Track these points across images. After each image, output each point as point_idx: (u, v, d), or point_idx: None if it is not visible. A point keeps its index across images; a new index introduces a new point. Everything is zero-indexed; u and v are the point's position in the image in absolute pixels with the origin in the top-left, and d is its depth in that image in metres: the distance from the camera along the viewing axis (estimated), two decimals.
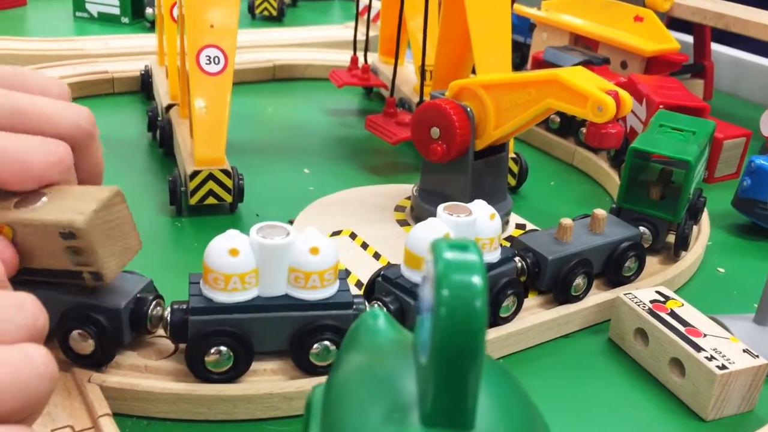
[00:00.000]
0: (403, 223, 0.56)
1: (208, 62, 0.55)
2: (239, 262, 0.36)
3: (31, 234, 0.35)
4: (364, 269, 0.49)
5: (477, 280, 0.21)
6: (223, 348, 0.37)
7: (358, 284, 0.47)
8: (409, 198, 0.59)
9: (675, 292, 0.53)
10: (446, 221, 0.41)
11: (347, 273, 0.49)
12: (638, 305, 0.46)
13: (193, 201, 0.56)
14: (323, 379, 0.38)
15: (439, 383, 0.20)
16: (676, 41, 0.78)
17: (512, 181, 0.65)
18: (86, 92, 0.79)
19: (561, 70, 0.48)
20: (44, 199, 0.35)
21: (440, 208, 0.42)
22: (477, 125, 0.51)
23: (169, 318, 0.37)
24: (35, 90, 0.36)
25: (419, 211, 0.55)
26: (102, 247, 0.35)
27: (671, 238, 0.54)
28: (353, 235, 0.53)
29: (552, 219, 0.61)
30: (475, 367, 0.20)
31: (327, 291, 0.38)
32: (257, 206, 0.60)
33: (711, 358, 0.41)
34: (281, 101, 0.85)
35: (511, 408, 0.22)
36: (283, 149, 0.72)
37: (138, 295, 0.38)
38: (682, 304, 0.46)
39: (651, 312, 0.45)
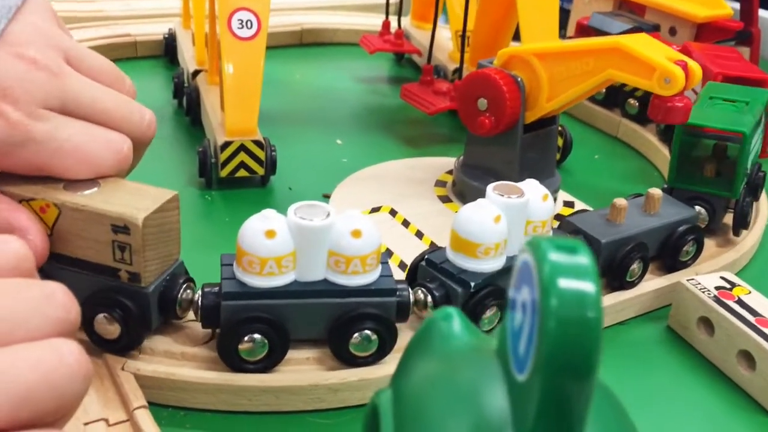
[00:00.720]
0: (444, 199, 0.53)
1: (240, 26, 0.51)
2: (276, 245, 0.34)
3: (78, 220, 0.33)
4: (407, 249, 0.46)
5: (590, 287, 0.18)
6: (257, 336, 0.34)
7: (401, 265, 0.45)
8: (450, 172, 0.56)
9: (737, 275, 0.50)
10: (497, 202, 0.38)
11: (390, 254, 0.46)
12: (703, 292, 0.43)
13: (224, 173, 0.53)
14: (372, 374, 0.36)
15: (543, 405, 0.18)
16: (728, 6, 0.73)
17: (556, 155, 0.61)
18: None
19: (623, 37, 0.44)
20: (96, 188, 0.34)
21: (490, 188, 0.39)
22: (528, 97, 0.48)
23: (200, 302, 0.35)
24: (110, 81, 0.37)
25: (462, 186, 0.52)
26: (150, 248, 0.33)
27: (728, 219, 0.50)
28: (393, 212, 0.50)
29: (598, 196, 0.58)
30: (585, 389, 0.18)
31: (369, 277, 0.36)
32: (289, 179, 0.57)
33: None
34: (309, 67, 0.81)
35: None
36: (313, 119, 0.69)
37: (167, 277, 0.35)
38: (750, 292, 0.43)
39: (717, 300, 0.42)
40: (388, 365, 0.37)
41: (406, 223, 0.49)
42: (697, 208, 0.49)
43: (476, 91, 0.49)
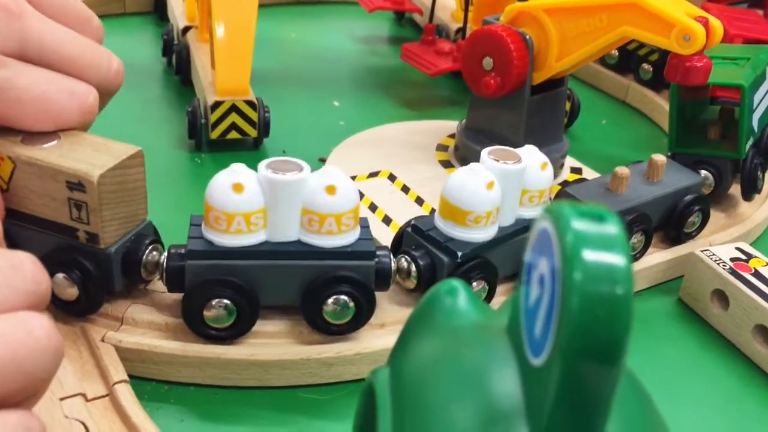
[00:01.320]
0: (446, 164, 0.50)
1: None
2: (244, 200, 0.31)
3: (33, 175, 0.31)
4: (406, 216, 0.43)
5: (620, 260, 0.15)
6: (224, 300, 0.32)
7: (407, 222, 0.42)
8: (452, 136, 0.53)
9: (751, 244, 0.47)
10: (491, 168, 0.36)
11: (389, 221, 0.43)
12: (717, 264, 0.40)
13: (214, 135, 0.50)
14: (369, 346, 0.34)
15: (562, 394, 0.15)
16: None
17: (564, 119, 0.59)
18: (96, 12, 0.71)
19: None
20: (55, 141, 0.31)
21: (485, 152, 0.36)
22: (536, 56, 0.45)
23: (165, 263, 0.33)
24: (76, 22, 0.34)
25: (465, 151, 0.50)
26: (108, 208, 0.31)
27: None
28: (392, 177, 0.48)
29: (605, 162, 0.55)
30: (611, 377, 0.15)
31: (345, 238, 0.33)
32: (284, 142, 0.54)
33: None
34: (306, 26, 0.78)
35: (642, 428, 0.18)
36: (309, 79, 0.66)
37: (132, 238, 0.33)
38: (767, 263, 0.41)
39: (732, 272, 0.40)
40: (388, 337, 0.35)
41: (405, 189, 0.47)
42: (703, 172, 0.46)
43: (481, 50, 0.46)
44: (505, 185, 0.36)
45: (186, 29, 0.60)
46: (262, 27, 0.75)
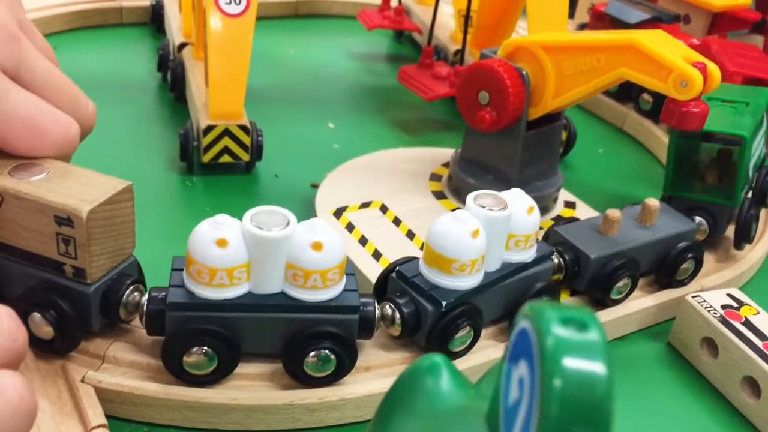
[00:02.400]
0: (439, 195, 0.50)
1: (228, 2, 0.48)
2: (227, 255, 0.31)
3: (21, 209, 0.30)
4: (396, 250, 0.43)
5: (602, 369, 0.15)
6: (205, 348, 0.32)
7: (391, 266, 0.42)
8: (446, 165, 0.53)
9: (740, 289, 0.47)
10: (477, 214, 0.35)
11: (379, 256, 0.43)
12: (708, 311, 0.40)
13: (206, 158, 0.50)
14: (352, 393, 0.33)
15: None
16: None
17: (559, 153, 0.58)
18: (92, 22, 0.72)
19: (639, 34, 0.41)
20: (44, 174, 0.31)
21: (470, 198, 0.36)
22: (533, 92, 0.45)
23: (145, 307, 0.32)
24: (53, 62, 0.35)
25: (459, 182, 0.49)
26: (96, 243, 0.30)
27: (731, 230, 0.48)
28: (384, 208, 0.47)
29: (600, 195, 0.55)
30: None
31: (330, 292, 0.33)
32: (276, 165, 0.54)
33: None
34: (304, 41, 0.78)
35: None
36: (305, 99, 0.65)
37: (114, 276, 0.32)
38: (758, 312, 0.40)
39: (723, 320, 0.39)
40: (372, 382, 0.34)
41: (397, 221, 0.46)
42: (697, 219, 0.46)
43: (478, 84, 0.45)
44: (491, 231, 0.35)
45: (182, 46, 0.60)
46: (261, 41, 0.74)
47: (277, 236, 0.31)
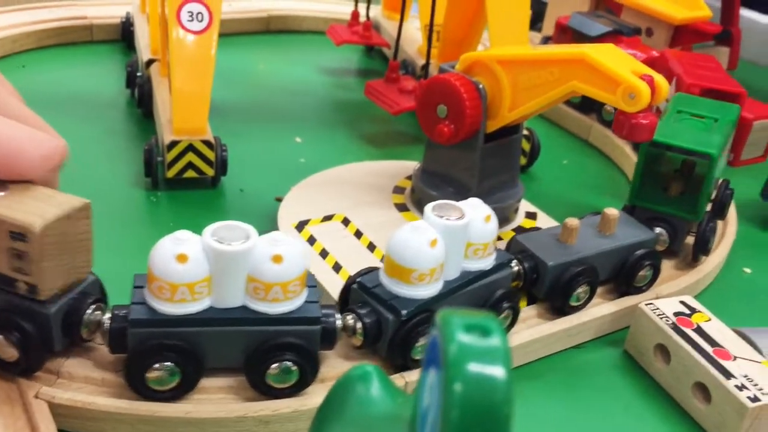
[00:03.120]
0: (401, 207, 0.51)
1: (190, 18, 0.49)
2: (188, 270, 0.31)
3: None
4: (356, 263, 0.44)
5: (502, 374, 0.16)
6: (167, 364, 0.32)
7: (352, 277, 0.42)
8: (409, 178, 0.54)
9: (697, 296, 0.48)
10: (435, 224, 0.36)
11: (338, 268, 0.44)
12: (661, 318, 0.41)
13: (170, 174, 0.50)
14: (305, 404, 0.33)
15: None
16: (707, 8, 0.71)
17: (522, 160, 0.59)
18: (62, 39, 0.72)
19: (589, 48, 0.42)
20: (3, 193, 0.31)
21: (428, 208, 0.37)
22: (490, 105, 0.46)
23: (107, 325, 0.32)
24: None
25: (421, 194, 0.50)
26: (49, 260, 0.30)
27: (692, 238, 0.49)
28: (346, 221, 0.48)
29: (563, 206, 0.56)
30: None
31: (291, 304, 0.33)
32: (242, 179, 0.54)
33: (742, 387, 0.36)
34: (275, 57, 0.78)
35: None
36: (273, 113, 0.66)
37: (75, 296, 0.33)
38: (710, 319, 0.41)
39: (675, 327, 0.40)
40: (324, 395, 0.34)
41: (358, 234, 0.47)
42: (658, 230, 0.47)
43: (436, 98, 0.46)
44: (449, 241, 0.36)
45: (149, 62, 0.60)
46: (231, 56, 0.75)
47: (238, 250, 0.31)
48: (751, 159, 0.68)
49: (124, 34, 0.73)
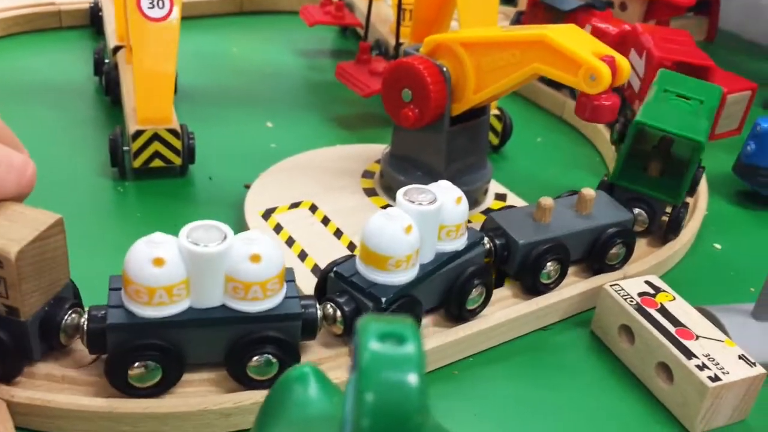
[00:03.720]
0: (370, 192, 0.50)
1: (150, 6, 0.48)
2: (165, 274, 0.31)
3: None
4: (322, 251, 0.44)
5: (414, 381, 0.16)
6: (149, 362, 0.32)
7: (315, 269, 0.42)
8: (379, 162, 0.53)
9: (666, 273, 0.48)
10: (407, 210, 0.36)
11: (305, 256, 0.44)
12: (625, 299, 0.41)
13: (137, 164, 0.50)
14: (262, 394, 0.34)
15: None
16: None
17: (494, 140, 0.59)
18: (31, 26, 0.71)
19: (550, 29, 0.41)
20: None
21: (400, 194, 0.37)
22: (454, 88, 0.45)
23: (85, 327, 0.32)
24: None
25: (389, 179, 0.50)
26: (28, 282, 0.30)
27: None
28: (314, 208, 0.48)
29: (538, 184, 0.56)
30: None
31: (271, 301, 0.33)
32: (211, 166, 0.54)
33: (703, 367, 0.37)
34: (248, 39, 0.78)
35: None
36: (245, 97, 0.65)
37: (51, 302, 0.32)
38: (674, 298, 0.41)
39: (638, 308, 0.40)
40: None
41: (326, 221, 0.47)
42: (637, 210, 0.47)
43: (400, 82, 0.46)
44: (422, 225, 0.36)
45: (116, 49, 0.60)
46: (204, 39, 0.75)
47: (214, 251, 0.31)
48: (726, 132, 0.68)
49: (92, 20, 0.72)
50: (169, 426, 0.33)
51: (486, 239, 0.41)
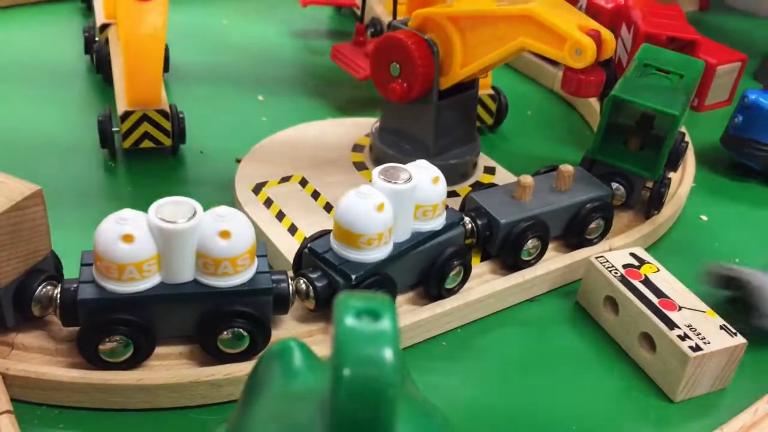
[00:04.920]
0: (360, 166, 0.51)
1: None
2: (135, 250, 0.31)
3: None
4: (312, 224, 0.44)
5: (389, 356, 0.16)
6: (120, 337, 0.33)
7: (305, 242, 0.43)
8: (369, 135, 0.54)
9: (653, 245, 0.49)
10: (382, 189, 0.36)
11: (294, 230, 0.44)
12: (610, 270, 0.42)
13: (126, 144, 0.50)
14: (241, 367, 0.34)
15: None
16: None
17: (489, 120, 0.59)
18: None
19: (537, 3, 0.41)
20: None
21: (375, 172, 0.37)
22: (442, 62, 0.46)
23: (58, 299, 0.33)
24: None
25: (378, 152, 0.50)
26: (3, 250, 0.31)
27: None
28: (304, 182, 0.48)
29: (526, 159, 0.56)
30: None
31: (241, 276, 0.34)
32: (203, 140, 0.54)
33: (684, 337, 0.38)
34: (239, 14, 0.77)
35: None
36: (236, 73, 0.65)
37: (28, 272, 0.33)
38: (658, 270, 0.42)
39: (623, 279, 0.41)
40: None
41: (316, 195, 0.47)
42: (615, 185, 0.47)
43: (388, 56, 0.46)
44: (397, 204, 0.36)
45: (103, 27, 0.59)
46: (194, 13, 0.74)
47: (184, 228, 0.32)
48: (715, 103, 0.68)
49: None
50: (162, 397, 0.34)
51: (467, 219, 0.42)
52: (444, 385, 0.37)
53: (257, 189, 0.47)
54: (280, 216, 0.45)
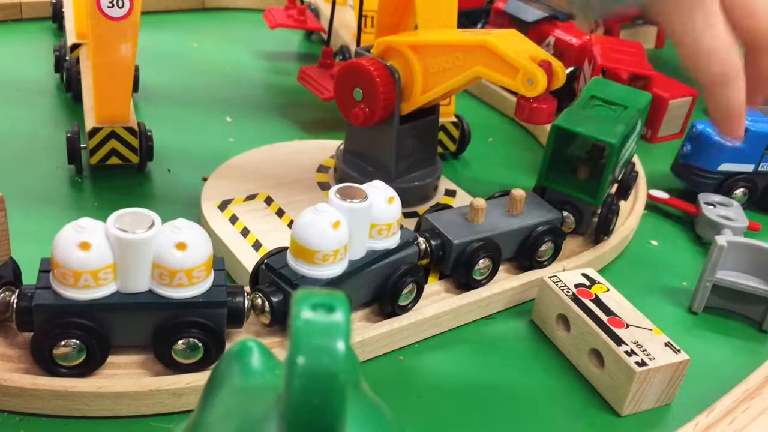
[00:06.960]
0: (324, 186, 0.52)
1: (110, 5, 0.49)
2: (91, 258, 0.32)
3: None
4: (276, 241, 0.45)
5: (341, 347, 0.17)
6: (73, 341, 0.33)
7: (262, 258, 0.44)
8: (333, 157, 0.55)
9: (604, 268, 0.51)
10: (338, 207, 0.38)
11: (259, 246, 0.45)
12: (562, 290, 0.43)
13: (93, 161, 0.51)
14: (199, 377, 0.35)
15: None
16: None
17: (452, 146, 0.61)
18: None
19: (492, 34, 0.44)
20: None
21: (332, 191, 0.38)
22: (403, 88, 0.47)
23: (14, 304, 0.34)
24: None
25: (342, 174, 0.52)
26: None
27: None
28: (269, 200, 0.49)
29: (485, 184, 0.58)
30: None
31: (197, 288, 0.35)
32: (171, 158, 0.55)
33: (631, 353, 0.39)
34: (209, 37, 0.79)
35: None
36: (205, 95, 0.67)
37: None
38: (608, 289, 0.44)
39: (574, 298, 0.43)
40: None
41: (280, 213, 0.48)
42: (565, 213, 0.49)
43: (352, 81, 0.48)
44: (352, 222, 0.38)
45: (74, 47, 0.60)
46: (164, 36, 0.76)
47: (141, 238, 0.33)
48: (668, 135, 0.71)
49: (54, 14, 0.72)
50: (122, 405, 0.34)
51: (421, 240, 0.43)
52: (400, 398, 0.38)
53: (223, 206, 0.48)
54: (245, 232, 0.46)
